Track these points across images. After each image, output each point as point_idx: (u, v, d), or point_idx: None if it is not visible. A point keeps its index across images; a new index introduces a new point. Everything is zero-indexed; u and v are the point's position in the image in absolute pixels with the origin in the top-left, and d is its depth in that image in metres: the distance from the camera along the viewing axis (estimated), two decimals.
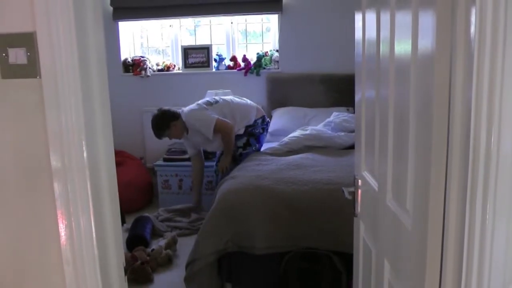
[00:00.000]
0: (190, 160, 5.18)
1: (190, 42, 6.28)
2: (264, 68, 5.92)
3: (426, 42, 1.22)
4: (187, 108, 4.78)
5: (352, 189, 2.06)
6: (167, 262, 4.14)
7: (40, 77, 1.36)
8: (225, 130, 4.57)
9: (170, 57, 6.35)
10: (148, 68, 6.05)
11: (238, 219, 3.32)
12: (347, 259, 2.71)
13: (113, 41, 5.90)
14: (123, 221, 4.53)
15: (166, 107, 4.78)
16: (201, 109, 4.66)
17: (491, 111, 1.01)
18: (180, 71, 6.09)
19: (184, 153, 5.37)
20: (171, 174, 5.51)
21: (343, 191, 2.10)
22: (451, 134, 1.13)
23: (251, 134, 4.76)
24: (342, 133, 4.64)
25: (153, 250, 4.11)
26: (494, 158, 1.03)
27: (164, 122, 4.65)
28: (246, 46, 6.29)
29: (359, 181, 2.00)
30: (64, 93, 1.34)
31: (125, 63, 6.12)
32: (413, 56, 1.32)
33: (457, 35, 1.09)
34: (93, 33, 1.42)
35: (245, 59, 5.95)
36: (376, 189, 1.74)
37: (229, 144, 4.63)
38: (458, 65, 1.09)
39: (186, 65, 6.01)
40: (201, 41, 6.25)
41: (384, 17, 1.59)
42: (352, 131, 4.47)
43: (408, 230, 1.42)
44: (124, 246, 4.09)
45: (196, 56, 5.93)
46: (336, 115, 5.00)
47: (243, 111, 4.78)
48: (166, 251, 4.17)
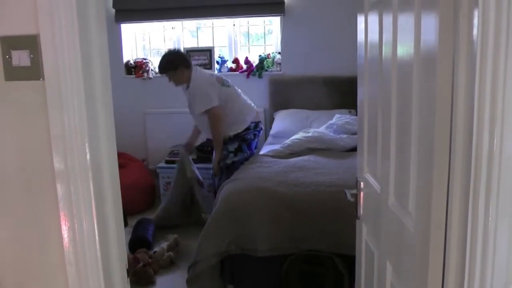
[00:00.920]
0: None
1: (193, 44, 6.29)
2: (267, 71, 5.92)
3: (429, 44, 1.22)
4: (202, 72, 4.72)
5: (355, 191, 2.05)
6: (169, 264, 4.14)
7: (43, 79, 1.37)
8: (214, 122, 4.48)
9: None
10: (150, 70, 6.06)
11: (241, 221, 3.32)
12: (350, 261, 2.71)
13: (116, 43, 5.91)
14: (126, 223, 4.54)
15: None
16: (210, 84, 4.56)
17: (494, 113, 1.01)
18: None
19: None
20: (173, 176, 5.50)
21: (346, 193, 2.10)
22: (454, 136, 1.13)
23: (244, 140, 4.67)
24: (345, 135, 4.64)
25: (155, 252, 4.11)
26: (497, 160, 1.03)
27: (176, 62, 4.49)
28: (249, 48, 6.29)
29: (362, 183, 2.00)
30: (67, 95, 1.35)
31: (128, 65, 6.13)
32: (416, 58, 1.32)
33: (460, 37, 1.09)
34: (96, 35, 1.42)
35: (247, 62, 5.96)
36: (379, 191, 1.74)
37: (216, 137, 4.54)
38: (461, 67, 1.09)
39: None
40: (204, 43, 6.25)
41: (387, 19, 1.59)
42: (355, 133, 4.47)
43: (411, 232, 1.42)
44: (126, 248, 4.09)
45: (199, 58, 5.94)
46: (339, 117, 5.00)
47: (243, 109, 4.75)
48: (168, 253, 4.17)
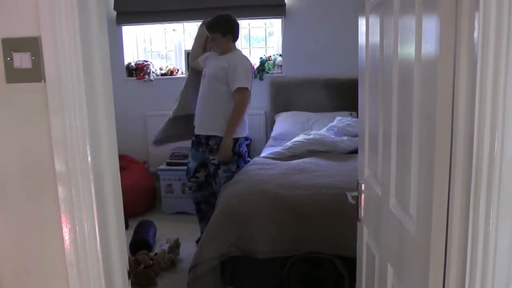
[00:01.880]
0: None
1: None
2: (268, 73, 5.92)
3: (430, 47, 1.22)
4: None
5: (356, 194, 2.05)
6: (170, 266, 4.14)
7: (45, 81, 1.37)
8: (242, 105, 4.13)
9: (174, 62, 6.36)
10: (152, 73, 6.06)
11: (242, 223, 3.32)
12: (350, 264, 2.70)
13: (117, 46, 5.91)
14: (126, 225, 4.54)
15: None
16: (251, 69, 4.34)
17: (495, 116, 1.01)
18: (184, 76, 6.09)
19: (186, 158, 5.35)
20: (174, 178, 5.51)
21: (347, 196, 2.10)
22: (455, 139, 1.13)
23: (240, 155, 4.28)
24: (346, 138, 4.64)
25: (156, 254, 4.11)
26: (498, 162, 1.03)
27: (230, 28, 4.24)
28: (249, 51, 6.29)
29: (363, 186, 2.00)
30: (69, 97, 1.35)
31: (129, 68, 6.14)
32: (417, 61, 1.32)
33: (461, 40, 1.09)
34: (97, 38, 1.42)
35: None
36: (380, 194, 1.74)
37: (236, 121, 4.11)
38: (462, 70, 1.09)
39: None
40: None
41: (388, 22, 1.59)
42: (356, 136, 4.47)
43: (412, 235, 1.42)
44: (127, 250, 4.09)
45: None
46: (340, 120, 5.00)
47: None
48: (169, 255, 4.17)
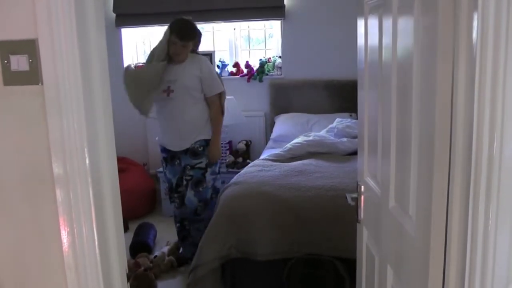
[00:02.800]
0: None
1: None
2: (267, 74, 5.92)
3: (428, 48, 1.22)
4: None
5: (355, 195, 2.05)
6: (170, 269, 4.13)
7: (42, 84, 1.37)
8: (219, 108, 4.03)
9: None
10: None
11: (241, 225, 3.32)
12: (351, 265, 2.70)
13: (116, 48, 5.91)
14: (126, 228, 4.54)
15: None
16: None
17: (494, 116, 1.01)
18: None
19: None
20: None
21: (346, 197, 2.10)
22: (454, 139, 1.13)
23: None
24: (345, 139, 4.64)
25: (156, 257, 4.11)
26: (497, 163, 1.02)
27: (196, 34, 3.99)
28: (249, 52, 6.29)
29: (362, 187, 2.00)
30: (66, 100, 1.34)
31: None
32: (416, 62, 1.32)
33: (459, 41, 1.09)
34: (95, 40, 1.42)
35: (248, 66, 5.96)
36: (379, 195, 1.74)
37: (219, 123, 4.04)
38: (461, 71, 1.09)
39: None
40: (204, 48, 6.24)
41: (386, 23, 1.59)
42: (355, 137, 4.46)
43: (411, 236, 1.41)
44: (127, 253, 4.09)
45: None
46: (339, 121, 5.00)
47: None
48: (169, 258, 4.17)
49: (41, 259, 1.55)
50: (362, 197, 2.00)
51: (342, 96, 5.50)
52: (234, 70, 6.04)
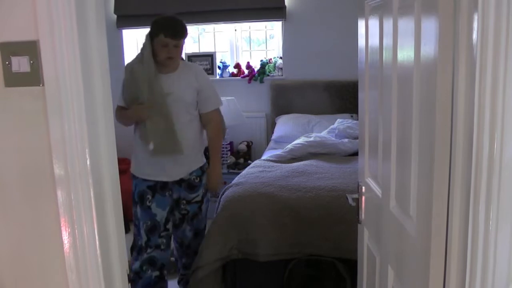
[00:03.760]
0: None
1: (194, 50, 6.29)
2: (268, 75, 5.92)
3: (429, 49, 1.22)
4: None
5: (356, 196, 2.06)
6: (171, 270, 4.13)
7: (43, 85, 1.37)
8: (219, 125, 3.42)
9: None
10: None
11: (243, 226, 3.32)
12: (352, 266, 2.70)
13: (117, 49, 5.92)
14: (127, 229, 4.53)
15: None
16: None
17: (494, 117, 1.01)
18: None
19: None
20: None
21: (347, 198, 2.11)
22: (454, 140, 1.13)
23: None
24: (346, 140, 4.64)
25: None
26: (497, 164, 1.02)
27: (186, 29, 3.24)
28: (250, 53, 6.30)
29: (363, 188, 2.00)
30: (67, 101, 1.35)
31: None
32: (416, 63, 1.32)
33: (460, 41, 1.09)
34: (96, 41, 1.42)
35: (249, 66, 5.96)
36: (380, 196, 1.74)
37: (220, 144, 3.51)
38: (461, 71, 1.09)
39: None
40: (205, 49, 6.26)
41: (387, 24, 1.59)
42: (356, 138, 4.46)
43: (412, 237, 1.42)
44: (128, 254, 4.08)
45: (200, 64, 5.94)
46: (340, 122, 5.00)
47: None
48: (171, 259, 4.17)
49: (42, 260, 1.56)
50: (363, 198, 2.00)
51: (343, 97, 5.50)
52: (235, 71, 6.04)
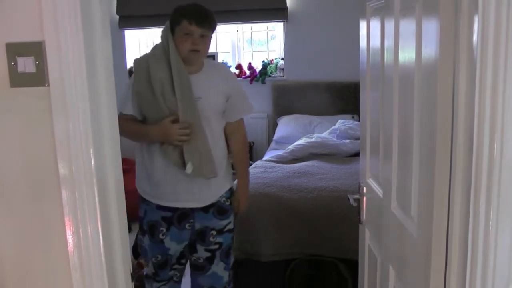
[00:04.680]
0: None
1: None
2: (270, 76, 5.94)
3: (430, 50, 1.23)
4: None
5: (357, 196, 2.06)
6: None
7: (48, 86, 1.38)
8: (246, 136, 2.84)
9: None
10: None
11: (244, 227, 3.32)
12: (353, 266, 2.71)
13: (119, 50, 5.93)
14: (129, 229, 4.54)
15: None
16: None
17: (494, 118, 1.02)
18: None
19: None
20: None
21: (348, 199, 2.11)
22: (455, 141, 1.14)
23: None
24: (347, 141, 4.65)
25: None
26: (497, 165, 1.03)
27: (214, 18, 2.51)
28: (252, 54, 6.31)
29: (364, 189, 2.01)
30: (72, 101, 1.35)
31: (131, 72, 6.12)
32: (417, 64, 1.33)
33: (460, 43, 1.10)
34: (101, 42, 1.43)
35: (251, 67, 5.98)
36: (381, 196, 1.75)
37: (246, 160, 2.87)
38: (461, 73, 1.10)
39: None
40: None
41: (388, 25, 1.60)
42: (357, 139, 4.47)
43: (413, 237, 1.42)
44: (130, 254, 4.08)
45: None
46: (342, 123, 5.01)
47: None
48: None
49: (46, 259, 1.57)
50: (364, 199, 2.01)
51: (345, 98, 5.51)
52: (237, 72, 6.05)
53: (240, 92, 2.72)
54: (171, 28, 2.48)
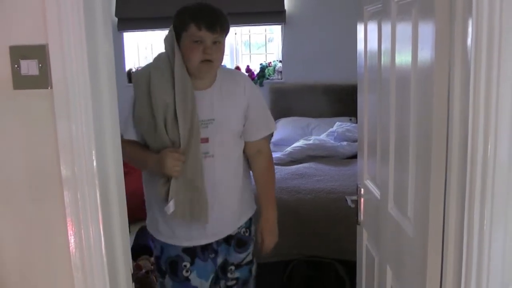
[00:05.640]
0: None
1: None
2: (268, 79, 5.94)
3: (426, 53, 1.25)
4: None
5: (355, 198, 2.07)
6: None
7: (51, 88, 1.39)
8: (270, 157, 2.48)
9: None
10: None
11: None
12: (351, 267, 2.72)
13: (118, 52, 5.93)
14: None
15: None
16: None
17: (488, 119, 1.04)
18: None
19: None
20: None
21: (346, 200, 2.13)
22: (450, 143, 1.16)
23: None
24: (345, 143, 4.66)
25: None
26: (491, 166, 1.05)
27: (228, 20, 2.36)
28: (250, 57, 6.32)
29: (362, 190, 2.02)
30: (75, 104, 1.37)
31: (130, 74, 6.15)
32: (413, 67, 1.35)
33: (455, 46, 1.12)
34: (103, 45, 1.45)
35: (249, 70, 5.98)
36: (379, 197, 1.76)
37: (272, 185, 2.53)
38: (456, 75, 1.12)
39: None
40: None
41: (385, 29, 1.62)
42: (355, 141, 4.48)
43: (410, 237, 1.44)
44: None
45: None
46: (339, 125, 5.02)
47: None
48: None
49: (48, 260, 1.58)
50: (362, 200, 2.02)
51: (342, 100, 5.52)
52: None
53: (262, 107, 2.32)
54: (176, 34, 2.09)
